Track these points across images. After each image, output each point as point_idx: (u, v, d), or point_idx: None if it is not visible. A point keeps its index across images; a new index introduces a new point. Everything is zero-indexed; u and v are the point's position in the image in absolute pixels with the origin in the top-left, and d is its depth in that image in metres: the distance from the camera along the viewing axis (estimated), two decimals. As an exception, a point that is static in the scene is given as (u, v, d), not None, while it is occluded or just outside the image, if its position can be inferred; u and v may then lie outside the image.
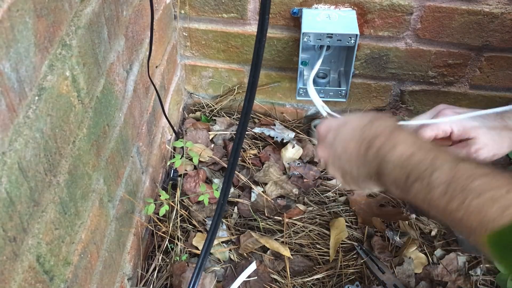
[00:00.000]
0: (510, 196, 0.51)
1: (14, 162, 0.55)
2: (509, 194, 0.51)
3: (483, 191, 0.53)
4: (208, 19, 1.26)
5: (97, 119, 0.80)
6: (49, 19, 0.60)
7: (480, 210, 0.52)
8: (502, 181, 0.53)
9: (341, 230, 1.22)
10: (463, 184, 0.55)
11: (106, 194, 0.88)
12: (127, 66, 0.94)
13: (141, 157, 1.08)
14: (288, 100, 1.42)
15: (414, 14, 1.16)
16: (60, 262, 0.70)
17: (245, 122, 0.69)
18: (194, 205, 1.25)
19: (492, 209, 0.51)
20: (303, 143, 1.40)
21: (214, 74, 1.40)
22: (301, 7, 1.19)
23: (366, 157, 0.67)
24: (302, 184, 1.32)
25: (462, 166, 0.56)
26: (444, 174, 0.57)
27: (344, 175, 0.73)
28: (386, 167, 0.63)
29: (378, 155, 0.65)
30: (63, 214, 0.70)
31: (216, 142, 1.40)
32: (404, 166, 0.61)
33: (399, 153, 0.62)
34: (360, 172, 0.69)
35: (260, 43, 0.63)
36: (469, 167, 0.56)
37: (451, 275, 1.14)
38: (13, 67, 0.53)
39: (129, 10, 0.91)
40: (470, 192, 0.54)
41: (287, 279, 1.13)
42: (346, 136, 0.71)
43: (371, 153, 0.66)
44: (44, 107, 0.61)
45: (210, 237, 0.76)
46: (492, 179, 0.53)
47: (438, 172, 0.57)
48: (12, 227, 0.56)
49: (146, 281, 1.12)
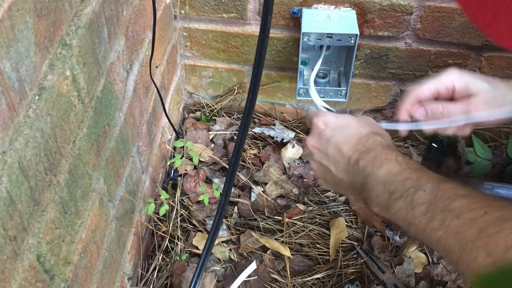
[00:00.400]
0: (487, 217, 0.52)
1: (15, 162, 0.56)
2: (486, 215, 0.52)
3: (462, 212, 0.54)
4: (208, 19, 1.26)
5: (97, 119, 0.80)
6: (49, 19, 0.60)
7: (458, 231, 0.53)
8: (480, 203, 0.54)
9: (341, 230, 1.22)
10: (443, 204, 0.56)
11: (106, 194, 0.88)
12: (127, 66, 0.94)
13: (141, 156, 1.08)
14: (288, 100, 1.42)
15: (414, 14, 1.16)
16: (60, 262, 0.70)
17: (247, 122, 0.69)
18: (194, 205, 1.25)
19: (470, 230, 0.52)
20: (303, 143, 1.40)
21: (214, 74, 1.40)
22: (301, 7, 1.19)
23: (354, 167, 0.68)
24: (302, 184, 1.32)
25: (444, 186, 0.57)
26: (426, 194, 0.58)
27: (325, 174, 0.74)
28: (370, 182, 0.65)
29: (365, 169, 0.66)
30: (64, 213, 0.70)
31: (216, 142, 1.40)
32: (389, 183, 0.62)
33: (386, 170, 0.63)
34: (343, 179, 0.70)
35: (262, 43, 0.62)
36: (450, 187, 0.57)
37: (451, 274, 1.14)
38: (13, 67, 0.53)
39: (129, 10, 0.92)
40: (450, 212, 0.55)
41: (287, 279, 1.13)
42: (341, 139, 0.72)
43: (359, 166, 0.67)
44: (45, 106, 0.61)
45: (211, 237, 0.76)
46: (471, 200, 0.54)
47: (421, 192, 0.58)
48: (13, 226, 0.56)
49: (146, 280, 1.12)
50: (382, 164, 0.64)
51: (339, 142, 0.71)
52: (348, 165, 0.69)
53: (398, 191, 0.61)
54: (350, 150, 0.69)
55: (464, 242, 0.52)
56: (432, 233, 0.56)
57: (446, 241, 0.54)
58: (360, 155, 0.68)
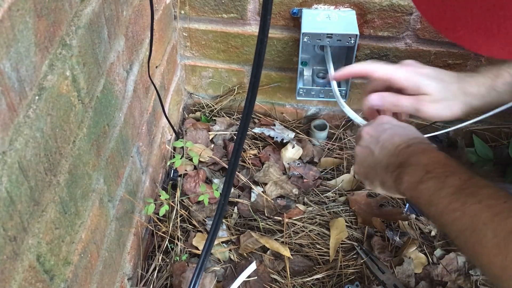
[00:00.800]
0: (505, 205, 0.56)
1: (15, 162, 0.55)
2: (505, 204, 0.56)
3: (484, 198, 0.58)
4: (208, 19, 1.26)
5: (97, 119, 0.80)
6: (49, 19, 0.60)
7: (475, 214, 0.57)
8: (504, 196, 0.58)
9: (341, 230, 1.22)
10: (471, 190, 0.60)
11: (106, 194, 0.88)
12: (127, 66, 0.94)
13: (141, 157, 1.08)
14: (288, 100, 1.42)
15: (413, 14, 1.16)
16: (60, 262, 0.70)
17: (247, 123, 0.69)
18: (194, 205, 1.25)
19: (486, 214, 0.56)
20: (303, 143, 1.40)
21: (214, 74, 1.40)
22: (301, 7, 1.19)
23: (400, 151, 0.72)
24: (302, 184, 1.32)
25: (477, 179, 0.62)
26: (459, 180, 0.62)
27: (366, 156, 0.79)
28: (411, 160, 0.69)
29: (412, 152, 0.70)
30: (63, 213, 0.70)
31: (216, 142, 1.40)
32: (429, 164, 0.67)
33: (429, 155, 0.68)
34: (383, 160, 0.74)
35: (262, 43, 0.62)
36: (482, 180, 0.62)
37: (451, 275, 1.14)
38: (13, 67, 0.53)
39: (129, 10, 0.92)
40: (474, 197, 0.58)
41: (287, 279, 1.13)
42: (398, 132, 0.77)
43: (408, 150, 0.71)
44: (44, 106, 0.61)
45: (211, 237, 0.76)
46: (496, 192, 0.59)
47: (455, 177, 0.63)
48: (13, 226, 0.56)
49: (146, 281, 1.12)
50: (429, 152, 0.69)
51: (395, 133, 0.76)
52: (395, 150, 0.73)
53: (434, 172, 0.65)
54: (402, 140, 0.73)
55: (477, 224, 0.56)
56: (450, 213, 0.59)
57: (460, 221, 0.58)
58: (411, 144, 0.72)
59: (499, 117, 1.32)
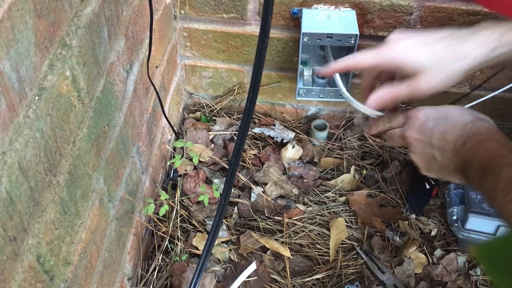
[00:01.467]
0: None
1: (14, 162, 0.55)
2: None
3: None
4: (208, 19, 1.26)
5: (97, 119, 0.80)
6: (49, 19, 0.60)
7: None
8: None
9: (341, 230, 1.22)
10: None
11: (106, 194, 0.88)
12: (127, 66, 0.94)
13: (141, 157, 1.08)
14: (288, 100, 1.42)
15: (414, 14, 1.16)
16: (60, 262, 0.70)
17: (247, 123, 0.69)
18: (194, 205, 1.25)
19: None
20: (303, 143, 1.40)
21: (214, 74, 1.40)
22: (301, 7, 1.19)
23: (460, 150, 0.71)
24: (302, 184, 1.32)
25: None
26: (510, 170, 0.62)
27: (430, 163, 0.76)
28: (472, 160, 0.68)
29: (471, 150, 0.69)
30: (63, 214, 0.70)
31: (216, 142, 1.40)
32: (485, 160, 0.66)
33: (484, 149, 0.68)
34: (449, 164, 0.73)
35: (262, 43, 0.62)
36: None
37: (451, 275, 1.14)
38: (13, 67, 0.53)
39: (129, 10, 0.92)
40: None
41: (287, 279, 1.13)
42: (445, 128, 0.74)
43: (466, 148, 0.70)
44: (44, 107, 0.61)
45: (211, 237, 0.76)
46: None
47: (507, 168, 0.63)
48: (12, 226, 0.56)
49: (146, 281, 1.12)
50: (485, 144, 0.68)
51: (444, 131, 0.74)
52: (454, 149, 0.72)
53: (490, 167, 0.65)
54: (456, 136, 0.72)
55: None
56: (506, 205, 0.60)
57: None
58: (467, 139, 0.70)
59: (499, 117, 1.32)
